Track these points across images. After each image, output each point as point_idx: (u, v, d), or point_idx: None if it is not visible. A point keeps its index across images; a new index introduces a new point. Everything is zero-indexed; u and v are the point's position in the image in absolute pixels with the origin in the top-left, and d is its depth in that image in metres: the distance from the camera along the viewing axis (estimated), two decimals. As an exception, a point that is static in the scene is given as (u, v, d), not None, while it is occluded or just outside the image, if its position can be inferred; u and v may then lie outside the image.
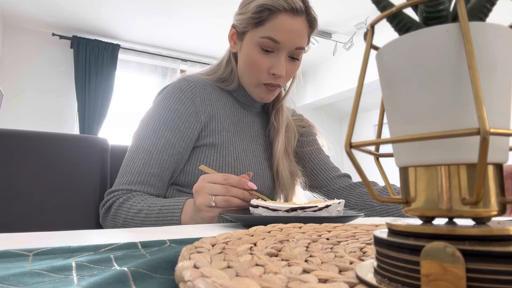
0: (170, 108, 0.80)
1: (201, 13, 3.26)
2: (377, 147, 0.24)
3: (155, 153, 0.76)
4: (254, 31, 0.80)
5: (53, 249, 0.30)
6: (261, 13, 0.78)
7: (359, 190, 0.91)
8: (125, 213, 0.71)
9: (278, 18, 0.77)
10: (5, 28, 3.42)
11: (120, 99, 3.85)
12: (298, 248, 0.29)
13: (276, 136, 0.91)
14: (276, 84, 0.83)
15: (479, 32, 0.18)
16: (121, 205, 0.72)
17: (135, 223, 0.70)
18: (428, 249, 0.16)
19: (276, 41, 0.78)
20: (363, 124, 5.07)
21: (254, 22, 0.79)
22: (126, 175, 0.76)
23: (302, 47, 0.81)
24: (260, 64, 0.81)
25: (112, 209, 0.73)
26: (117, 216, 0.72)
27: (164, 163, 0.77)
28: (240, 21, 0.83)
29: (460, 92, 0.18)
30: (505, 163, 0.19)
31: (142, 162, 0.76)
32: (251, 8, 0.80)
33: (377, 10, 0.22)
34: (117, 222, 0.73)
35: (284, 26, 0.77)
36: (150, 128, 0.79)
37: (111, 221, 0.74)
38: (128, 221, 0.71)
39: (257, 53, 0.80)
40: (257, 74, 0.82)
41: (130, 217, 0.71)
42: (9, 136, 0.83)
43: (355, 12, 3.24)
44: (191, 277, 0.18)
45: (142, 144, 0.78)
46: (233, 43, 0.87)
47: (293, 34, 0.78)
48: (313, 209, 0.54)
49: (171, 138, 0.78)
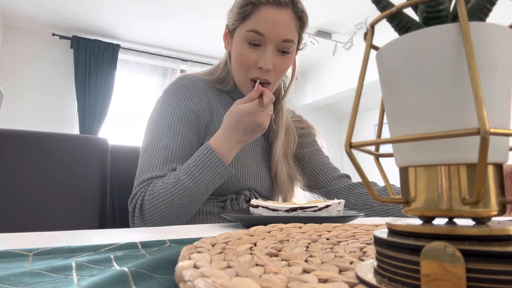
0: (180, 104, 0.79)
1: (201, 13, 3.26)
2: (377, 147, 0.24)
3: (174, 149, 0.74)
4: (241, 26, 0.80)
5: (53, 249, 0.30)
6: (245, 7, 0.78)
7: (359, 190, 0.91)
8: (162, 195, 0.67)
9: (261, 11, 0.77)
10: (5, 28, 3.42)
11: (120, 99, 3.85)
12: (298, 248, 0.29)
13: (275, 139, 0.91)
14: (263, 79, 0.81)
15: (479, 32, 0.18)
16: (151, 194, 0.68)
17: (179, 194, 0.67)
18: (428, 249, 0.16)
19: (261, 33, 0.77)
20: (363, 124, 5.06)
21: (240, 17, 0.79)
22: (146, 173, 0.72)
23: (290, 40, 0.80)
24: (247, 58, 0.80)
25: (145, 206, 0.69)
26: (156, 206, 0.68)
27: (183, 158, 0.75)
28: (230, 19, 0.83)
29: (460, 92, 0.18)
30: (505, 163, 0.19)
31: (162, 159, 0.73)
32: (237, 3, 0.80)
33: (377, 10, 0.22)
34: (159, 210, 0.68)
35: (268, 18, 0.77)
36: (164, 126, 0.77)
37: (150, 216, 0.68)
38: (170, 198, 0.67)
39: (245, 47, 0.80)
40: (245, 69, 0.81)
41: (170, 193, 0.67)
42: (9, 136, 0.83)
43: (355, 12, 3.24)
44: (191, 277, 0.18)
45: (159, 142, 0.75)
46: (226, 43, 0.88)
47: (278, 26, 0.78)
48: (313, 209, 0.54)
49: (187, 133, 0.77)
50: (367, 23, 1.24)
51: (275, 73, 0.82)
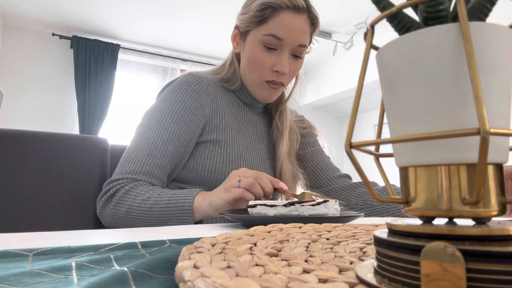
0: (176, 100, 0.80)
1: (201, 13, 3.26)
2: (377, 147, 0.24)
3: (160, 144, 0.75)
4: (257, 30, 0.81)
5: (53, 249, 0.30)
6: (264, 11, 0.79)
7: (359, 190, 0.92)
8: (131, 200, 0.68)
9: (280, 16, 0.78)
10: (5, 28, 3.42)
11: (120, 99, 3.85)
12: (298, 248, 0.29)
13: (280, 138, 0.92)
14: (279, 82, 0.83)
15: (479, 32, 0.18)
16: (127, 192, 0.70)
17: (141, 210, 0.67)
18: (428, 249, 0.16)
19: (279, 38, 0.79)
20: (363, 124, 5.06)
21: (257, 20, 0.80)
22: (130, 164, 0.74)
23: (304, 45, 0.82)
24: (263, 62, 0.81)
25: (115, 197, 0.71)
26: (121, 204, 0.69)
27: (168, 155, 0.76)
28: (243, 21, 0.83)
29: (460, 92, 0.18)
30: (505, 163, 0.19)
31: (146, 153, 0.74)
32: (253, 6, 0.81)
33: (377, 10, 0.22)
34: (120, 210, 0.69)
35: (286, 23, 0.78)
36: (156, 119, 0.78)
37: (113, 209, 0.70)
38: (134, 208, 0.68)
39: (260, 51, 0.81)
40: (260, 72, 0.82)
41: (136, 204, 0.68)
42: (9, 136, 0.83)
43: (355, 12, 3.24)
44: (191, 277, 0.18)
45: (147, 135, 0.77)
46: (236, 44, 0.88)
47: (295, 31, 0.79)
48: (311, 203, 0.54)
49: (177, 130, 0.78)
50: (367, 23, 1.24)
51: (289, 76, 0.85)
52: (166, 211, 0.66)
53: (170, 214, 0.66)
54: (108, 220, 0.73)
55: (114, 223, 0.73)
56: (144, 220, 0.68)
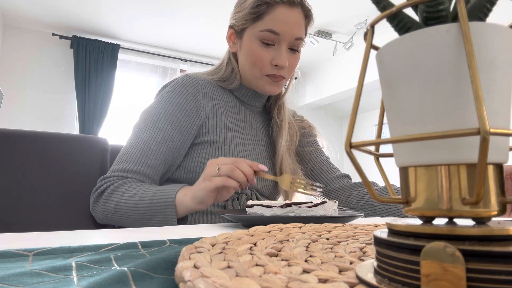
0: (171, 101, 0.81)
1: (201, 13, 3.26)
2: (377, 147, 0.24)
3: (154, 145, 0.76)
4: (253, 26, 0.81)
5: (53, 249, 0.30)
6: (259, 7, 0.80)
7: (359, 190, 0.92)
8: (119, 196, 0.70)
9: (276, 11, 0.79)
10: (5, 28, 3.41)
11: (120, 99, 3.85)
12: (298, 248, 0.29)
13: (279, 133, 0.93)
14: (279, 76, 0.84)
15: (479, 32, 0.18)
16: (115, 189, 0.71)
17: (128, 207, 0.68)
18: (428, 249, 0.16)
19: (276, 32, 0.79)
20: (363, 124, 5.06)
21: (252, 17, 0.81)
22: (122, 163, 0.75)
23: (301, 38, 0.83)
24: (262, 58, 0.82)
25: (105, 194, 0.72)
26: (110, 200, 0.71)
27: (161, 155, 0.77)
28: (238, 19, 0.84)
29: (460, 92, 0.18)
30: (505, 163, 0.19)
31: (139, 153, 0.75)
32: (248, 4, 0.81)
33: (377, 10, 0.22)
34: (109, 206, 0.71)
35: (282, 18, 0.79)
36: (151, 120, 0.79)
37: (103, 205, 0.72)
38: (121, 205, 0.69)
39: (258, 47, 0.82)
40: (260, 67, 0.83)
41: (124, 200, 0.69)
42: (9, 136, 0.83)
43: (355, 12, 3.24)
44: (191, 277, 0.18)
45: (141, 135, 0.78)
46: (232, 43, 0.89)
47: (291, 24, 0.80)
48: (308, 205, 0.54)
49: (171, 131, 0.78)
50: (367, 23, 1.24)
51: (288, 70, 0.86)
52: (150, 207, 0.67)
53: (154, 209, 0.66)
54: (99, 216, 0.75)
55: (106, 219, 0.74)
56: (131, 216, 0.69)
